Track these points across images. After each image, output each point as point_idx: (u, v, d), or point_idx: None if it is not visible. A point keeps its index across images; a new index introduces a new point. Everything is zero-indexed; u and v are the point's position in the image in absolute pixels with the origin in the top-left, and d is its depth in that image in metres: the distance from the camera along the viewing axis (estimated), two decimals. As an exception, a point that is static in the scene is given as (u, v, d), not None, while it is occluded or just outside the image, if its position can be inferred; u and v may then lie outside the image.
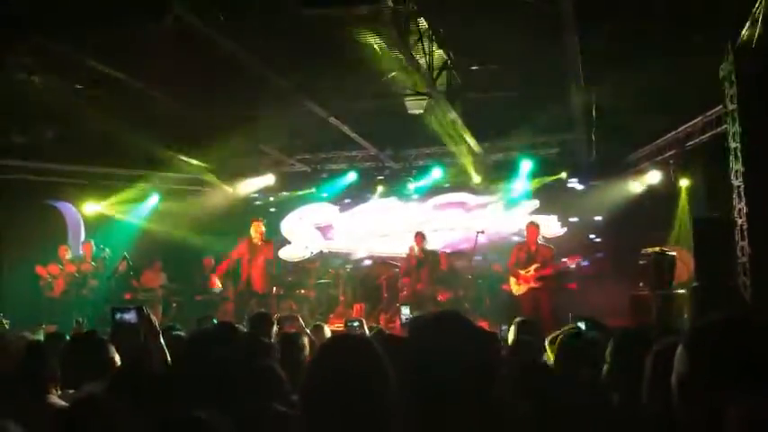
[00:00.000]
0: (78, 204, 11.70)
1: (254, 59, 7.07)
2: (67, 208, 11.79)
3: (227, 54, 6.80)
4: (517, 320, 4.74)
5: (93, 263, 10.38)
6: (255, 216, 10.58)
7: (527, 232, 9.39)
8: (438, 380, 1.73)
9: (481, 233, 10.21)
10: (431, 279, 9.95)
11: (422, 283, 9.92)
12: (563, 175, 11.41)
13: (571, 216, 11.58)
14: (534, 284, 8.94)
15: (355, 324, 6.06)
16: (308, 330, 5.03)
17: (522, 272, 9.04)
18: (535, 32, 7.07)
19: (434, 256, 10.14)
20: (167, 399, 2.42)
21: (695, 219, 7.95)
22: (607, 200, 11.01)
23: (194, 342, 3.71)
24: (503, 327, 5.40)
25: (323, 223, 12.98)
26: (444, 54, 7.73)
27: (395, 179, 12.40)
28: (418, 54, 7.23)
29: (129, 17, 5.90)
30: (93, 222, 11.71)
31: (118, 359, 3.18)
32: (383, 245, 12.54)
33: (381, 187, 12.48)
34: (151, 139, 9.94)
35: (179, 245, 11.63)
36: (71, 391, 3.03)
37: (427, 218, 12.22)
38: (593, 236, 11.52)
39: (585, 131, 9.95)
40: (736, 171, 7.08)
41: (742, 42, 6.58)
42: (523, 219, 10.60)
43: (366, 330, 5.90)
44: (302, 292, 11.39)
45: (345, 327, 6.31)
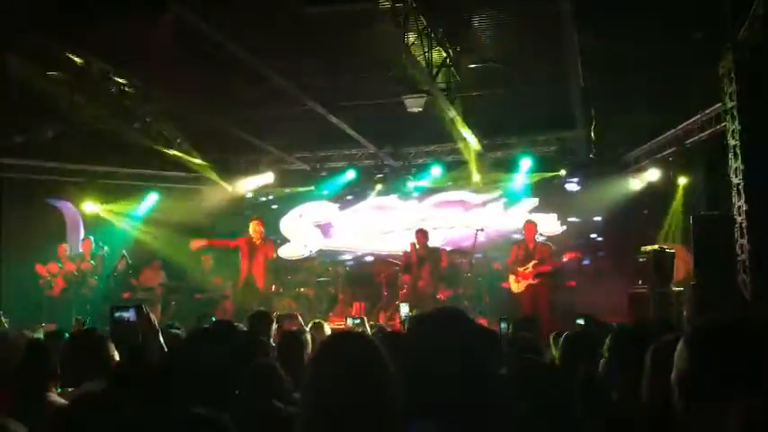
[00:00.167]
0: (78, 203, 11.69)
1: (252, 57, 7.06)
2: (67, 207, 11.77)
3: (225, 52, 6.79)
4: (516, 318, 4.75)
5: (91, 261, 10.36)
6: (255, 214, 10.56)
7: (525, 230, 9.40)
8: (437, 377, 1.73)
9: (481, 231, 10.20)
10: (431, 277, 9.93)
11: (422, 280, 9.90)
12: (562, 172, 11.41)
13: (570, 214, 11.56)
14: (533, 281, 8.96)
15: (356, 322, 6.07)
16: (308, 328, 5.03)
17: (521, 269, 9.06)
18: (535, 30, 7.07)
19: (435, 253, 10.12)
20: (166, 397, 2.42)
21: (695, 216, 7.95)
22: (606, 198, 10.99)
23: (193, 341, 3.71)
24: (502, 324, 5.40)
25: (322, 221, 12.96)
26: (444, 51, 7.71)
27: (394, 177, 12.39)
28: (417, 52, 7.21)
29: (128, 14, 5.89)
30: (93, 221, 11.70)
31: (117, 357, 3.18)
32: (383, 243, 12.53)
33: (381, 185, 12.48)
34: (151, 137, 9.92)
35: (178, 243, 11.61)
36: (70, 390, 3.03)
37: (427, 216, 12.20)
38: (592, 234, 11.50)
39: (585, 129, 9.94)
40: (735, 168, 7.08)
41: (741, 40, 6.58)
42: (523, 217, 10.60)
43: (367, 328, 5.91)
44: (302, 290, 11.39)
45: (346, 324, 6.31)
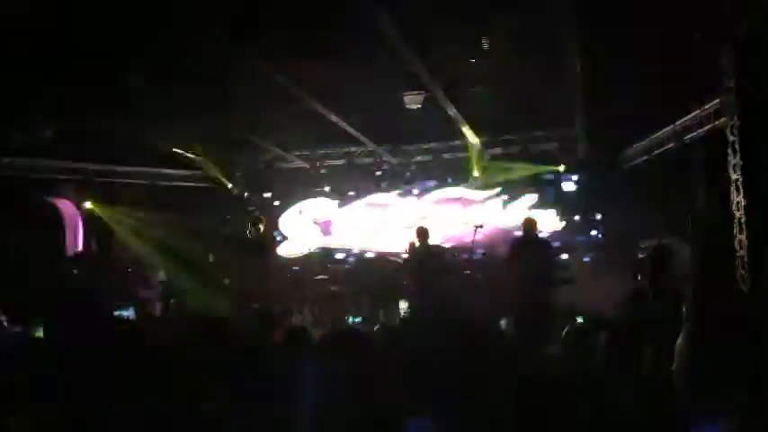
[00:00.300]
0: (77, 202, 11.67)
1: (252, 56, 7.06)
2: (66, 206, 11.75)
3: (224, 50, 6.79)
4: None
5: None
6: (258, 212, 10.56)
7: (524, 227, 9.38)
8: (436, 374, 1.74)
9: (480, 228, 10.20)
10: (430, 274, 9.94)
11: (421, 277, 9.91)
12: (561, 168, 11.41)
13: (569, 210, 11.57)
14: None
15: (357, 320, 6.09)
16: (309, 326, 5.04)
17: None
18: (534, 27, 7.07)
19: (434, 250, 10.13)
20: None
21: (694, 212, 7.96)
22: (605, 194, 10.99)
23: (193, 339, 3.71)
24: (502, 321, 5.42)
25: (322, 219, 12.95)
26: (443, 49, 7.71)
27: (394, 175, 12.37)
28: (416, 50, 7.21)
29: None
30: (92, 220, 11.68)
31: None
32: (382, 240, 12.53)
33: (380, 183, 12.46)
34: (150, 135, 9.92)
35: (178, 242, 11.60)
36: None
37: (426, 213, 12.19)
38: (591, 230, 11.51)
39: (583, 125, 9.94)
40: (734, 164, 7.08)
41: (741, 35, 6.58)
42: (522, 213, 10.60)
43: (367, 326, 5.92)
44: (302, 288, 11.39)
45: (346, 322, 6.33)
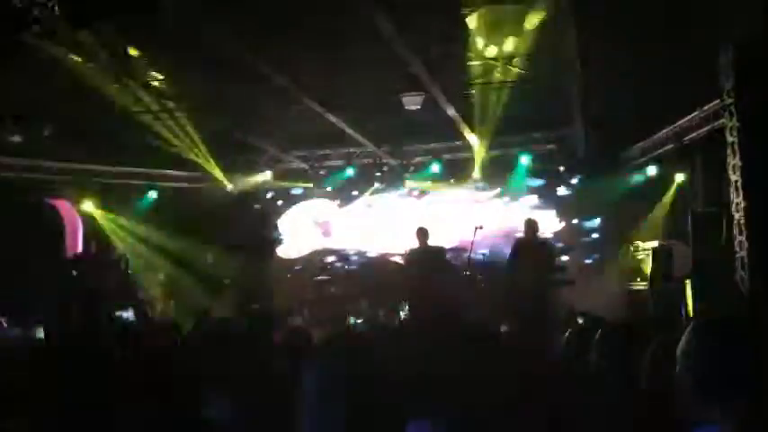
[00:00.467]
0: (76, 202, 11.65)
1: (251, 55, 7.05)
2: (65, 207, 11.73)
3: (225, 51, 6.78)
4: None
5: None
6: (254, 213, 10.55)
7: (525, 228, 9.38)
8: (436, 374, 1.74)
9: (480, 228, 10.19)
10: (431, 275, 9.93)
11: (422, 278, 9.90)
12: (560, 169, 11.41)
13: (568, 211, 11.58)
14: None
15: (358, 321, 6.08)
16: (309, 327, 5.04)
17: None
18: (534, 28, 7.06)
19: (434, 251, 10.12)
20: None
21: (693, 213, 7.96)
22: (604, 195, 11.00)
23: (193, 340, 3.72)
24: (503, 327, 5.39)
25: (321, 220, 12.95)
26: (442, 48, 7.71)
27: (393, 175, 12.38)
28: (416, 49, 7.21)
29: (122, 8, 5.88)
30: (92, 220, 11.67)
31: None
32: (382, 241, 12.52)
33: (380, 184, 12.47)
34: (150, 135, 9.91)
35: (178, 241, 11.60)
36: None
37: (426, 214, 12.19)
38: (591, 231, 11.52)
39: (583, 127, 9.94)
40: (733, 165, 7.08)
41: (740, 36, 6.58)
42: (522, 214, 10.60)
43: (367, 326, 5.92)
44: (301, 289, 11.38)
45: (347, 323, 6.33)
